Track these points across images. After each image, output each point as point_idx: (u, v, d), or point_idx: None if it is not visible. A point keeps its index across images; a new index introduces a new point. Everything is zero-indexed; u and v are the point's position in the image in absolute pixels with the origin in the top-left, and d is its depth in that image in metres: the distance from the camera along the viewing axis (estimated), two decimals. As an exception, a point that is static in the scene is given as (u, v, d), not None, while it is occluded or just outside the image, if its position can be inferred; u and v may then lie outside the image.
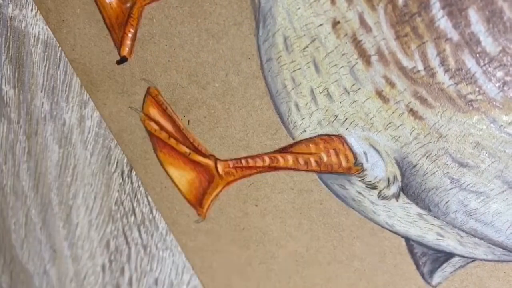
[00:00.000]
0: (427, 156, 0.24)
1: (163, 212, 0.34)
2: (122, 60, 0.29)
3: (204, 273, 0.35)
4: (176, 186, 0.32)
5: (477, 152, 0.23)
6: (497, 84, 0.21)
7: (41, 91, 0.33)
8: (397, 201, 0.26)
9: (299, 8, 0.23)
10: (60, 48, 0.31)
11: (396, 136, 0.24)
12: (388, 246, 0.28)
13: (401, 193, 0.26)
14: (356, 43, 0.23)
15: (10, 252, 0.42)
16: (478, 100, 0.22)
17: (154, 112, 0.30)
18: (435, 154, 0.24)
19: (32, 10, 0.31)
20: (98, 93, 0.31)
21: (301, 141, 0.27)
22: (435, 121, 0.23)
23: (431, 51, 0.21)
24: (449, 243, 0.26)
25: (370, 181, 0.26)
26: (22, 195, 0.39)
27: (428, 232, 0.26)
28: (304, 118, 0.26)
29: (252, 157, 0.29)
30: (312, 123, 0.26)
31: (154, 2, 0.27)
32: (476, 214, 0.24)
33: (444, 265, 0.27)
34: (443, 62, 0.21)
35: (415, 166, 0.24)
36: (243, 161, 0.29)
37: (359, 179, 0.26)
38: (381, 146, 0.25)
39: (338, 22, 0.23)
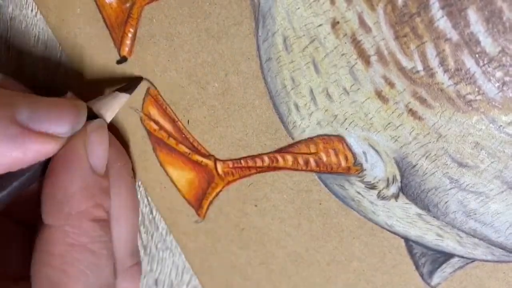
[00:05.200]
0: (427, 156, 0.24)
1: (163, 212, 0.34)
2: (122, 60, 0.29)
3: (204, 273, 0.35)
4: (176, 186, 0.32)
5: (476, 152, 0.23)
6: (497, 84, 0.21)
7: (41, 91, 0.33)
8: (397, 201, 0.26)
9: (298, 8, 0.23)
10: (60, 48, 0.31)
11: (396, 136, 0.24)
12: (387, 247, 0.28)
13: (401, 194, 0.26)
14: (356, 43, 0.23)
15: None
16: (478, 100, 0.22)
17: (153, 112, 0.30)
18: (435, 154, 0.24)
19: (32, 10, 0.31)
20: (98, 93, 0.31)
21: (300, 141, 0.27)
22: (435, 121, 0.23)
23: (430, 51, 0.21)
24: (448, 243, 0.26)
25: (369, 181, 0.26)
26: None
27: (428, 232, 0.26)
28: (303, 118, 0.26)
29: (252, 157, 0.29)
30: (312, 123, 0.26)
31: (154, 2, 0.27)
32: (475, 214, 0.24)
33: (444, 265, 0.27)
34: (442, 62, 0.21)
35: (414, 166, 0.24)
36: (243, 161, 0.29)
37: (359, 179, 0.26)
38: (380, 146, 0.25)
39: (338, 22, 0.23)
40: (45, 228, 0.25)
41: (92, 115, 0.27)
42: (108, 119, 0.28)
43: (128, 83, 0.29)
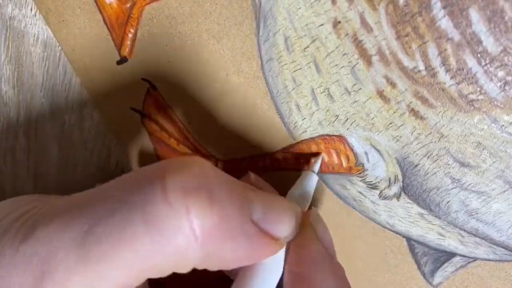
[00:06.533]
0: (428, 156, 0.24)
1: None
2: (122, 60, 0.29)
3: (205, 273, 0.35)
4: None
5: (478, 152, 0.23)
6: (499, 84, 0.21)
7: (41, 91, 0.33)
8: (398, 201, 0.26)
9: (299, 8, 0.23)
10: (59, 47, 0.31)
11: (397, 136, 0.24)
12: (389, 246, 0.28)
13: (402, 193, 0.26)
14: (357, 43, 0.23)
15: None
16: (480, 100, 0.22)
17: (154, 112, 0.30)
18: (436, 154, 0.24)
19: (31, 10, 0.31)
20: (98, 93, 0.31)
21: (301, 141, 0.27)
22: (436, 121, 0.23)
23: (432, 51, 0.21)
24: (450, 242, 0.26)
25: (371, 181, 0.26)
26: (22, 195, 0.39)
27: (429, 232, 0.26)
28: (305, 119, 0.26)
29: (253, 157, 0.29)
30: (313, 123, 0.26)
31: (154, 2, 0.26)
32: (477, 214, 0.24)
33: (445, 264, 0.27)
34: (444, 62, 0.21)
35: (416, 166, 0.24)
36: (244, 162, 0.29)
37: (360, 179, 0.26)
38: (382, 146, 0.25)
39: (339, 22, 0.23)
40: None
41: None
42: (310, 201, 0.27)
43: (310, 160, 0.28)
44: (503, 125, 0.22)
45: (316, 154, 0.28)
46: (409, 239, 0.27)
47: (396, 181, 0.25)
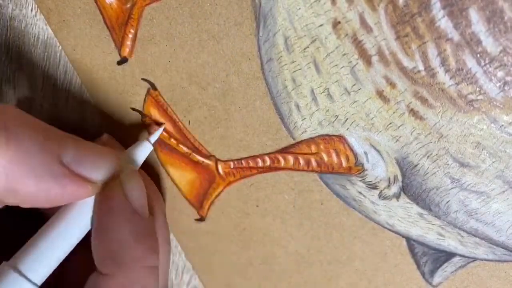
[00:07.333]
0: (428, 156, 0.24)
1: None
2: (123, 60, 0.29)
3: (205, 273, 0.35)
4: (177, 186, 0.32)
5: (477, 152, 0.23)
6: (498, 84, 0.21)
7: (41, 91, 0.33)
8: (398, 201, 0.26)
9: (299, 8, 0.23)
10: (60, 48, 0.31)
11: (397, 136, 0.24)
12: (389, 246, 0.28)
13: (402, 193, 0.26)
14: (357, 43, 0.23)
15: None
16: (479, 100, 0.22)
17: (154, 112, 0.30)
18: (436, 154, 0.24)
19: (32, 10, 0.31)
20: (98, 93, 0.31)
21: (301, 142, 0.27)
22: (436, 121, 0.23)
23: (431, 51, 0.21)
24: (450, 243, 0.26)
25: (370, 181, 0.26)
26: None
27: (429, 232, 0.26)
28: (304, 119, 0.26)
29: (253, 157, 0.29)
30: (313, 124, 0.26)
31: (154, 3, 0.27)
32: (477, 214, 0.24)
33: (445, 264, 0.27)
34: (443, 62, 0.21)
35: (415, 166, 0.25)
36: (244, 162, 0.29)
37: (360, 179, 0.26)
38: (381, 146, 0.25)
39: (339, 22, 0.23)
40: (98, 276, 0.25)
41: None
42: (138, 167, 0.29)
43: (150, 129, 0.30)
44: (502, 125, 0.22)
45: (159, 124, 0.29)
46: (409, 239, 0.27)
47: (395, 181, 0.26)
